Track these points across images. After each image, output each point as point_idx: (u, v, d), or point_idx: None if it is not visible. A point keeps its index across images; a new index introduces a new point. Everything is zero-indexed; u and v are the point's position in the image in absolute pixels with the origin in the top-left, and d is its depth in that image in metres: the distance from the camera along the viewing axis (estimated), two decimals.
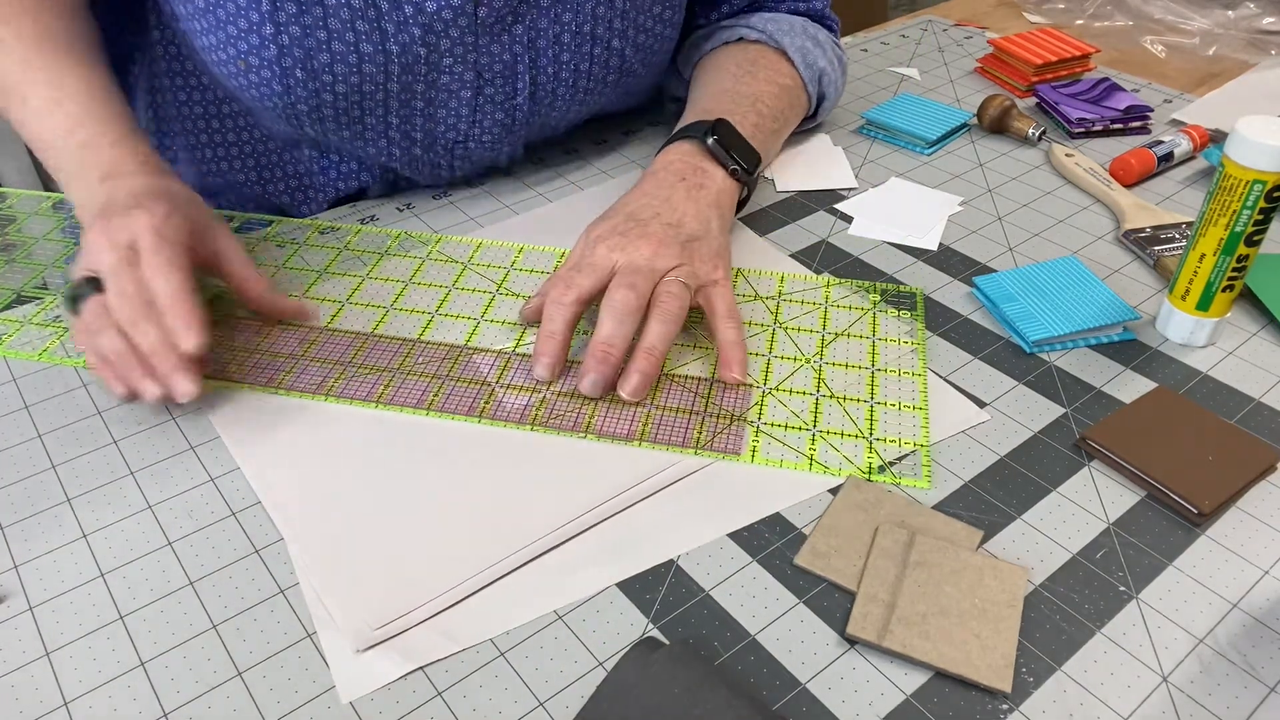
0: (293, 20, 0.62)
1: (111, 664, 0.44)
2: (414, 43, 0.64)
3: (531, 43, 0.68)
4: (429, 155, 0.73)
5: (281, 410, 0.56)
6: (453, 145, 0.72)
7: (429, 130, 0.71)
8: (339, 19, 0.63)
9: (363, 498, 0.51)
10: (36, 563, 0.48)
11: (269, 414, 0.56)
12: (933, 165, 0.82)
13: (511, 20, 0.66)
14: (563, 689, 0.43)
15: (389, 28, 0.63)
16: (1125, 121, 0.86)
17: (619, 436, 0.53)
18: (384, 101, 0.67)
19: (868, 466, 0.52)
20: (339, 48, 0.63)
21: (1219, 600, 0.46)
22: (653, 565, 0.48)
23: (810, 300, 0.65)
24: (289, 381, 0.57)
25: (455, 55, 0.66)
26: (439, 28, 0.64)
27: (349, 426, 0.55)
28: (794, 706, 0.42)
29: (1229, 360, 0.61)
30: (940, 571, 0.46)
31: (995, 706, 0.42)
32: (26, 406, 0.57)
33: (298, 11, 0.62)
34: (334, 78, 0.65)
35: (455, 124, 0.71)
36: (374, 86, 0.66)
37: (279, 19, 0.62)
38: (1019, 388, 0.58)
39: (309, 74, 0.64)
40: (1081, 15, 1.11)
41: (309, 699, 0.42)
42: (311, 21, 0.62)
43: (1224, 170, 0.56)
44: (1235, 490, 0.51)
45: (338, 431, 0.55)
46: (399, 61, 0.65)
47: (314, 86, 0.65)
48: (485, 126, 0.72)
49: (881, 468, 0.52)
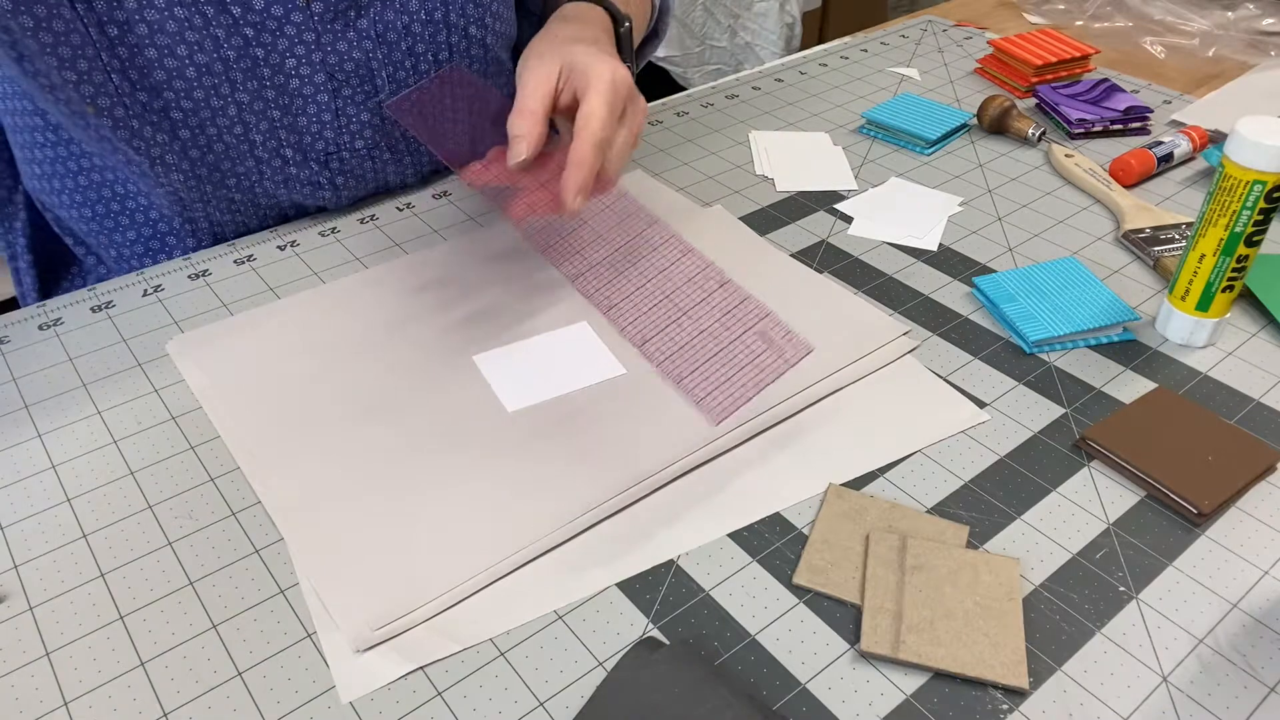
0: (118, 42, 0.59)
1: (111, 664, 0.44)
2: (249, 45, 0.62)
3: (380, 36, 0.65)
4: (304, 172, 0.69)
5: (281, 410, 0.56)
6: (325, 156, 0.69)
7: (296, 143, 0.67)
8: (165, 34, 0.60)
9: (363, 498, 0.51)
10: (36, 563, 0.48)
11: (269, 414, 0.56)
12: (933, 165, 0.82)
13: (354, 15, 0.64)
14: (563, 689, 0.43)
15: (219, 34, 0.61)
16: (1125, 122, 0.86)
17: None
18: (237, 117, 0.65)
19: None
20: (172, 64, 0.61)
21: (1219, 600, 0.46)
22: (653, 565, 0.48)
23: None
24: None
25: (298, 55, 0.64)
26: (272, 26, 0.62)
27: (349, 427, 0.55)
28: (794, 706, 0.42)
29: (1229, 360, 0.61)
30: (938, 573, 0.46)
31: (995, 706, 0.42)
32: (26, 406, 0.57)
33: (119, 34, 0.59)
34: (175, 94, 0.62)
35: (321, 131, 0.67)
36: (221, 100, 0.63)
37: (104, 44, 0.59)
38: (1019, 388, 0.58)
39: (152, 94, 0.61)
40: (1081, 16, 1.11)
41: (309, 699, 0.42)
42: (136, 40, 0.59)
43: (1224, 171, 0.56)
44: (1235, 490, 0.51)
45: (338, 432, 0.55)
46: (238, 68, 0.63)
47: (159, 106, 0.62)
48: (354, 131, 0.68)
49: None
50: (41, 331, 0.63)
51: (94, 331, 0.63)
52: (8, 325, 0.64)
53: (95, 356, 0.61)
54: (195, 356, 0.60)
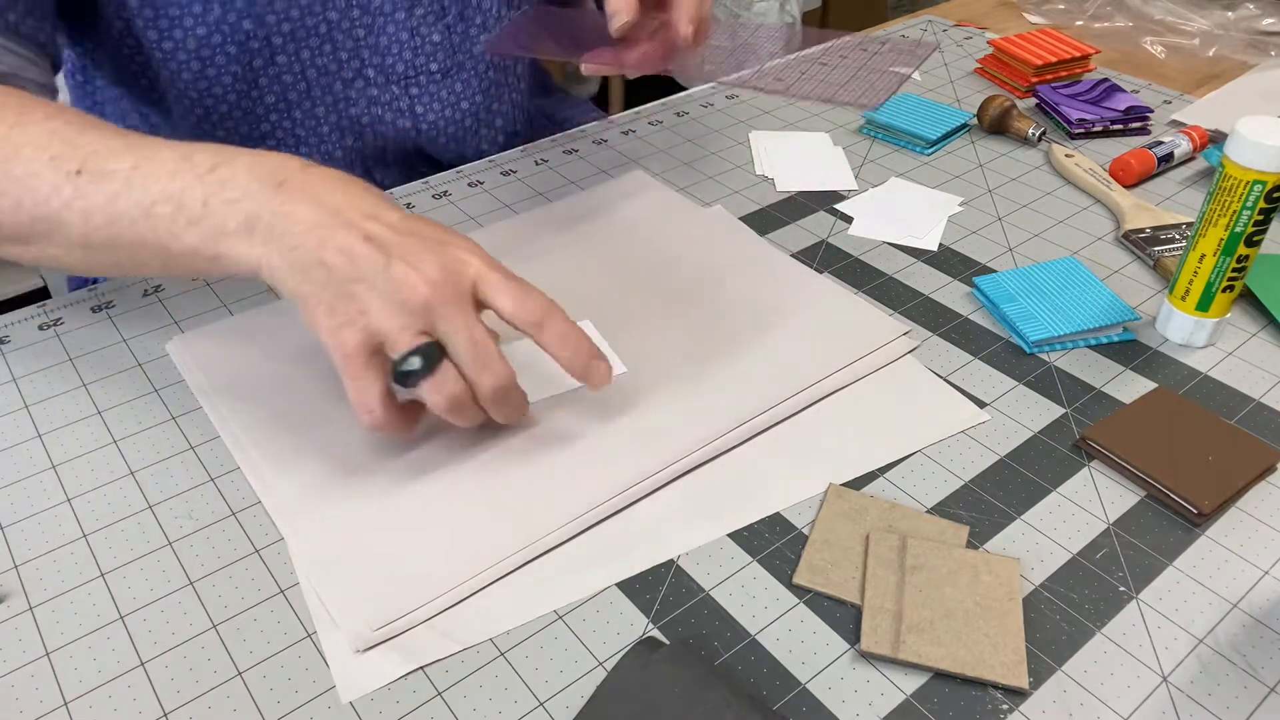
0: None
1: (111, 664, 0.44)
2: None
3: None
4: (385, 94, 0.74)
5: (281, 410, 0.56)
6: (404, 79, 0.74)
7: (378, 64, 0.73)
8: None
9: (363, 497, 0.51)
10: (36, 563, 0.48)
11: (269, 414, 0.56)
12: (933, 165, 0.82)
13: None
14: (563, 689, 0.43)
15: None
16: (1125, 122, 0.86)
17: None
18: (328, 35, 0.71)
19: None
20: None
21: (1219, 600, 0.46)
22: (653, 565, 0.48)
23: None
24: None
25: None
26: None
27: (349, 427, 0.55)
28: (794, 706, 0.42)
29: (1229, 360, 0.61)
30: (938, 573, 0.46)
31: (995, 706, 0.42)
32: (26, 407, 0.57)
33: None
34: (277, 16, 0.68)
35: (400, 52, 0.73)
36: (314, 19, 0.69)
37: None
38: (1019, 388, 0.58)
39: (256, 23, 0.67)
40: (1081, 16, 1.11)
41: (309, 699, 0.42)
42: None
43: (1224, 171, 0.56)
44: (1235, 490, 0.51)
45: (338, 431, 0.55)
46: None
47: (263, 34, 0.68)
48: (428, 52, 0.74)
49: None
50: (41, 331, 0.63)
51: (94, 331, 0.63)
52: (8, 325, 0.64)
53: (95, 356, 0.61)
54: (195, 356, 0.60)
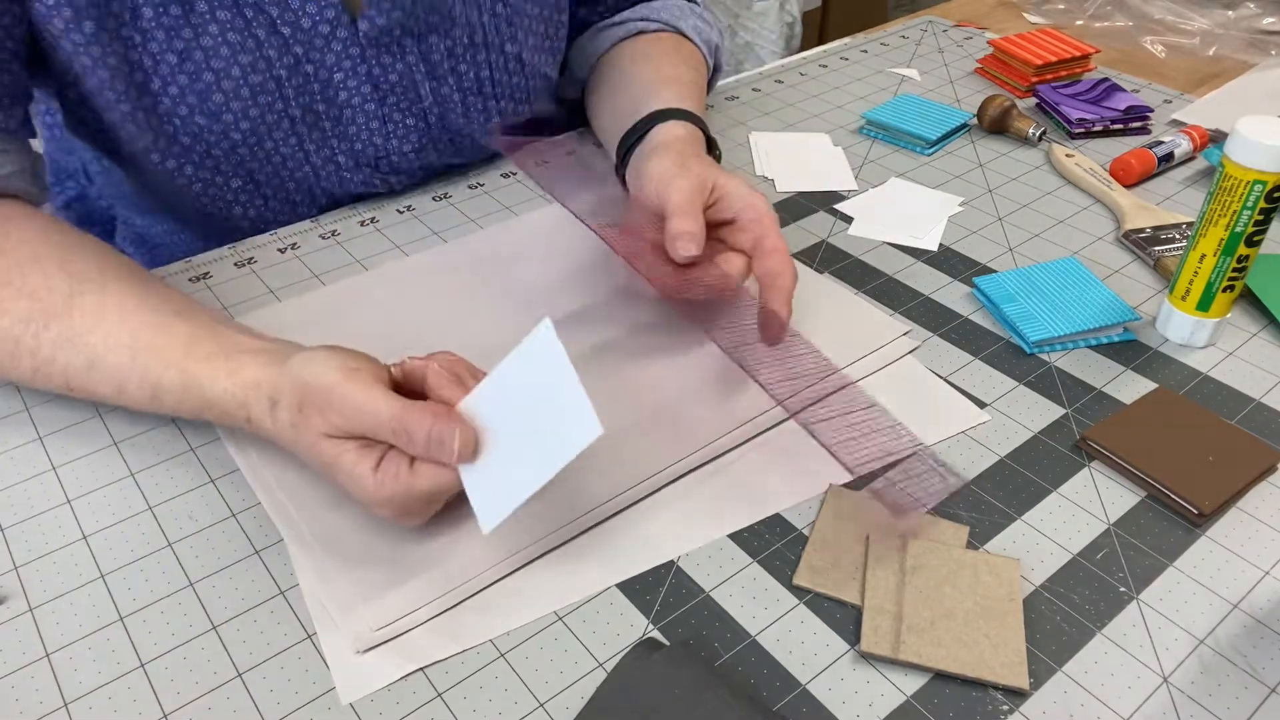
0: (177, 70, 0.63)
1: (111, 665, 0.44)
2: (300, 63, 0.66)
3: (425, 57, 0.70)
4: (357, 175, 0.73)
5: None
6: (375, 159, 0.73)
7: (348, 150, 0.72)
8: (220, 58, 0.64)
9: None
10: (36, 563, 0.48)
11: None
12: (933, 166, 0.82)
13: (401, 39, 0.68)
14: (563, 689, 0.43)
15: (271, 54, 0.65)
16: (1125, 122, 0.86)
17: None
18: (291, 130, 0.69)
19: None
20: (228, 85, 0.65)
21: (1219, 601, 0.46)
22: (653, 566, 0.48)
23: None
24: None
25: (345, 69, 0.68)
26: (319, 44, 0.66)
27: None
28: (794, 707, 0.42)
29: (1229, 361, 0.61)
30: (938, 574, 0.46)
31: (995, 707, 0.42)
32: (27, 408, 0.57)
33: (178, 61, 0.63)
34: (234, 116, 0.66)
35: (370, 138, 0.71)
36: (276, 116, 0.67)
37: (162, 74, 0.63)
38: (1019, 388, 0.58)
39: (210, 118, 0.65)
40: (1081, 15, 1.11)
41: (309, 700, 0.42)
42: (194, 68, 0.63)
43: (1224, 170, 0.56)
44: (1235, 490, 0.51)
45: None
46: (290, 85, 0.67)
47: (219, 129, 0.66)
48: (401, 135, 0.72)
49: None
50: None
51: None
52: None
53: None
54: None
